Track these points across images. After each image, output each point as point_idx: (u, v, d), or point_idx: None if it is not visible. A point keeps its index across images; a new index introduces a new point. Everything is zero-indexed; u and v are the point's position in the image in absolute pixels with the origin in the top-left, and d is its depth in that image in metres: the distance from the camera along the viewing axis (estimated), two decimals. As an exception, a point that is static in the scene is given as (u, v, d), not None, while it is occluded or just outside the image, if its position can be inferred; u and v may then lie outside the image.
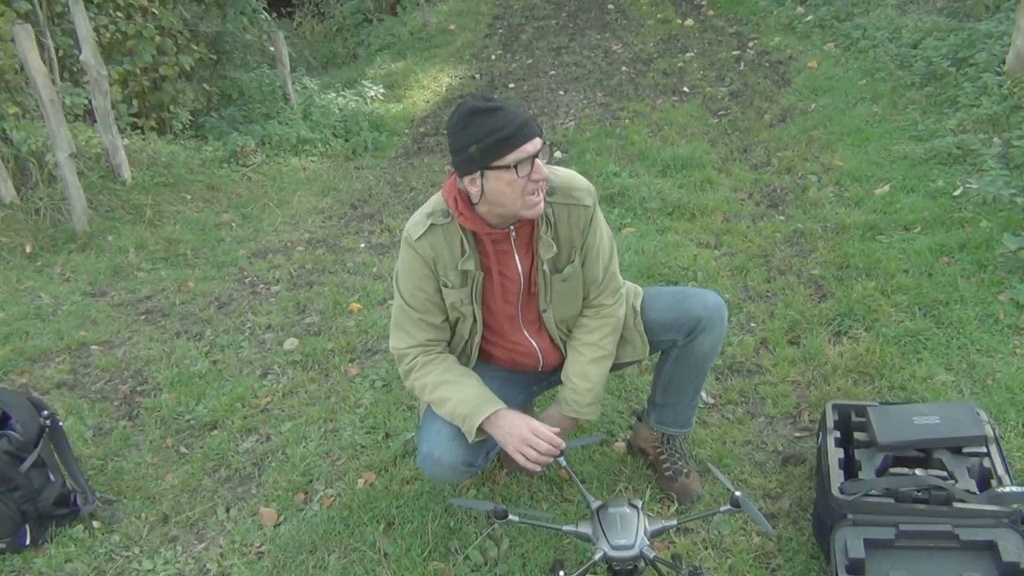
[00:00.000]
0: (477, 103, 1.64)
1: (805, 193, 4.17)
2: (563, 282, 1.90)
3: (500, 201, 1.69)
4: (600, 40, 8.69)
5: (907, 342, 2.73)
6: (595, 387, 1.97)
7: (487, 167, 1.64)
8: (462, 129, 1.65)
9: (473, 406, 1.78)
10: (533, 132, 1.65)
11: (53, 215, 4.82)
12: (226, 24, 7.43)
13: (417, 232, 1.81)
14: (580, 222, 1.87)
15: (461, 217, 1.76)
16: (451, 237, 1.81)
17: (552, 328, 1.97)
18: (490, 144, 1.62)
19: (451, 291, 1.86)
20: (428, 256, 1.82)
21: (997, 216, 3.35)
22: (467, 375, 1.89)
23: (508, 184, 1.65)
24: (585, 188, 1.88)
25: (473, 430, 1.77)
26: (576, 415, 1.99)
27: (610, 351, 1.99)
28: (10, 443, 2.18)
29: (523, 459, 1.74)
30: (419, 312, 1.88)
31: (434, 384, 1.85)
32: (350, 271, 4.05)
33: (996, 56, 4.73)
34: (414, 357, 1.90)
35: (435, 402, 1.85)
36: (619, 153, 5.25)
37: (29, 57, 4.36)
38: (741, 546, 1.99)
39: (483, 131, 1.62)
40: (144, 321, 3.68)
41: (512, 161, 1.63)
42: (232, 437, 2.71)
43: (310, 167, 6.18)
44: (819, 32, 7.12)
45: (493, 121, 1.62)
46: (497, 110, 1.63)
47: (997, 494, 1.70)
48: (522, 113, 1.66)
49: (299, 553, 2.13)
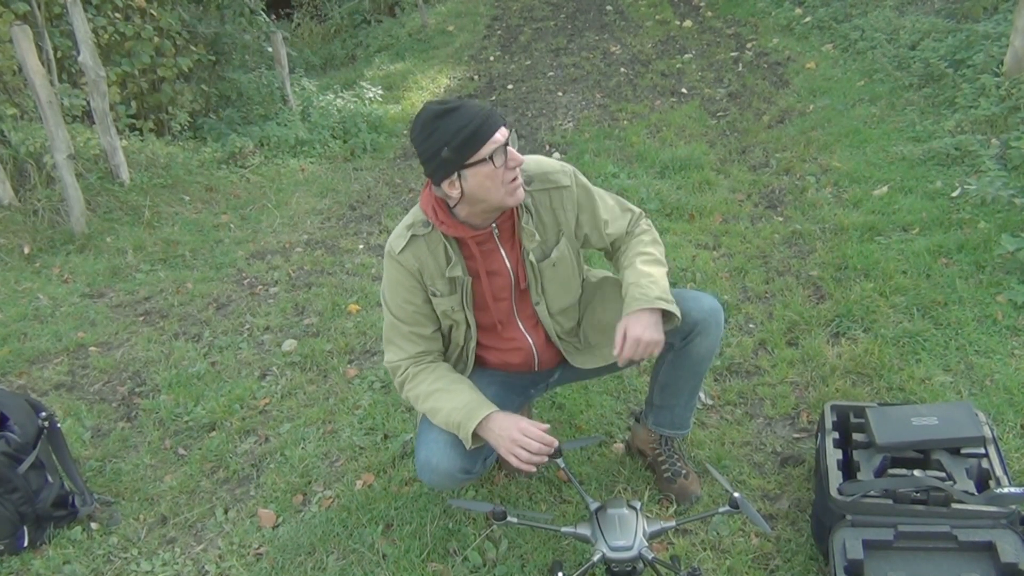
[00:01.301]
0: (436, 107, 1.65)
1: (803, 194, 4.17)
2: (553, 268, 1.90)
3: (483, 196, 1.70)
4: (598, 41, 8.70)
5: (905, 343, 2.73)
6: (659, 280, 1.82)
7: (463, 166, 1.65)
8: (429, 136, 1.65)
9: (465, 413, 1.77)
10: (498, 122, 1.67)
11: (51, 216, 4.82)
12: (224, 25, 7.43)
13: (399, 245, 1.82)
14: (564, 203, 1.87)
15: (442, 225, 1.77)
16: (434, 246, 1.82)
17: (547, 321, 1.96)
18: (461, 142, 1.63)
19: (441, 299, 1.86)
20: (413, 268, 1.83)
21: (995, 217, 3.36)
22: (458, 381, 1.87)
23: (487, 177, 1.66)
24: (560, 169, 1.88)
25: (468, 437, 1.76)
26: (649, 304, 1.76)
27: (658, 257, 1.90)
28: (8, 444, 2.18)
29: (516, 461, 1.72)
30: (408, 325, 1.88)
31: (426, 394, 1.84)
32: (349, 272, 4.05)
33: (994, 57, 4.74)
34: (405, 369, 1.90)
35: (428, 412, 1.85)
36: (618, 154, 5.25)
37: (27, 58, 4.36)
38: (740, 547, 1.99)
39: (450, 132, 1.63)
40: (142, 322, 3.68)
41: (487, 153, 1.64)
42: (230, 438, 2.70)
43: (308, 168, 6.18)
44: (817, 33, 7.12)
45: (458, 120, 1.63)
46: (457, 109, 1.64)
47: (995, 495, 1.70)
48: (483, 106, 1.67)
49: (298, 554, 2.13)
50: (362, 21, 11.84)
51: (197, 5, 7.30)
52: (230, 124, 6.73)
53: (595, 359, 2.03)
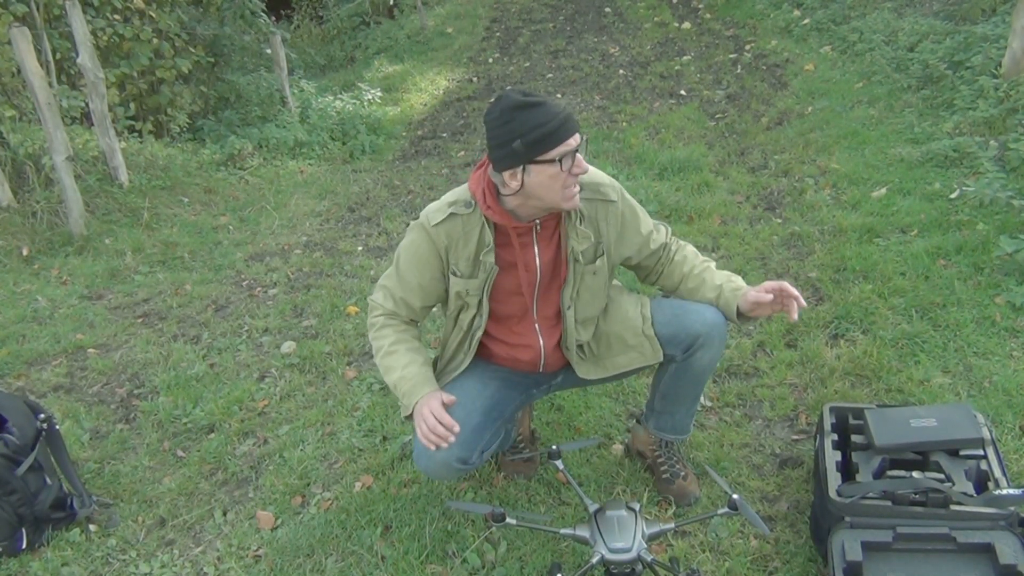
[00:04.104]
0: (520, 98, 1.65)
1: (802, 196, 4.18)
2: (593, 275, 1.91)
3: (540, 195, 1.71)
4: (597, 43, 8.71)
5: (904, 344, 2.73)
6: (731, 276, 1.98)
7: (532, 161, 1.66)
8: (505, 123, 1.65)
9: (412, 384, 1.84)
10: (575, 127, 1.68)
11: (50, 218, 4.82)
12: (224, 27, 7.43)
13: (437, 218, 1.83)
14: (608, 217, 1.90)
15: (489, 210, 1.77)
16: (470, 228, 1.82)
17: (571, 327, 1.95)
18: (535, 139, 1.63)
19: (459, 280, 1.87)
20: (441, 243, 1.84)
21: (994, 219, 3.36)
22: (416, 351, 1.92)
23: (551, 178, 1.68)
24: (609, 183, 1.91)
25: (410, 406, 1.83)
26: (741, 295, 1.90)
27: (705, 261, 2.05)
28: (7, 446, 2.18)
29: (419, 432, 1.79)
30: (403, 291, 1.92)
31: (387, 350, 1.91)
32: (348, 274, 4.05)
33: (992, 59, 4.75)
34: (380, 315, 1.96)
35: (383, 368, 1.92)
36: (616, 156, 5.26)
37: (26, 60, 4.36)
38: (739, 549, 1.99)
39: (527, 126, 1.63)
40: (141, 324, 3.67)
41: (557, 155, 1.66)
42: (229, 440, 2.70)
43: (307, 170, 6.18)
44: (816, 35, 7.13)
45: (537, 116, 1.63)
46: (540, 105, 1.64)
47: (994, 496, 1.70)
48: (564, 108, 1.68)
49: (296, 556, 2.13)
50: (361, 23, 11.85)
51: (196, 7, 7.30)
52: (229, 126, 6.73)
53: (599, 370, 2.03)
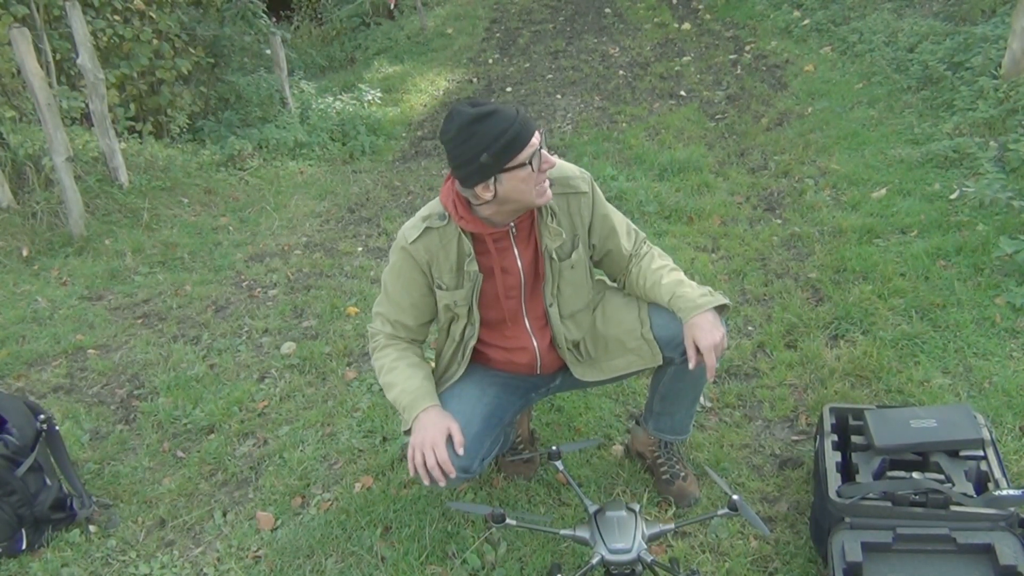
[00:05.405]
0: (472, 110, 1.62)
1: (802, 197, 4.18)
2: (571, 269, 1.91)
3: (515, 198, 1.71)
4: (597, 44, 8.71)
5: (904, 345, 2.73)
6: (691, 282, 1.89)
7: (501, 170, 1.65)
8: (466, 140, 1.62)
9: (411, 399, 1.83)
10: (533, 124, 1.68)
11: (50, 219, 4.82)
12: (224, 28, 7.43)
13: (413, 235, 1.83)
14: (581, 208, 1.89)
15: (462, 221, 1.77)
16: (447, 239, 1.82)
17: (558, 324, 1.95)
18: (502, 147, 1.62)
19: (446, 293, 1.87)
20: (422, 259, 1.84)
21: (993, 219, 3.36)
22: (417, 367, 1.92)
23: (523, 180, 1.68)
24: (579, 175, 1.90)
25: (410, 421, 1.82)
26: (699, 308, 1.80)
27: (673, 266, 1.96)
28: (6, 447, 2.18)
29: (410, 462, 1.76)
30: (396, 313, 1.93)
31: (388, 368, 1.91)
32: (347, 275, 4.05)
33: (992, 60, 4.75)
34: (381, 338, 1.97)
35: (384, 386, 1.92)
36: (616, 157, 5.26)
37: (26, 61, 4.36)
38: (739, 550, 1.99)
39: (490, 136, 1.61)
40: (141, 325, 3.67)
41: (525, 158, 1.65)
42: (229, 441, 2.70)
43: (307, 171, 6.18)
44: (816, 36, 7.13)
45: (497, 124, 1.61)
46: (495, 112, 1.62)
47: (994, 497, 1.70)
48: (516, 108, 1.67)
49: (296, 557, 2.13)
50: (361, 24, 11.85)
51: (196, 7, 7.30)
52: (229, 126, 6.73)
53: (596, 372, 2.02)
